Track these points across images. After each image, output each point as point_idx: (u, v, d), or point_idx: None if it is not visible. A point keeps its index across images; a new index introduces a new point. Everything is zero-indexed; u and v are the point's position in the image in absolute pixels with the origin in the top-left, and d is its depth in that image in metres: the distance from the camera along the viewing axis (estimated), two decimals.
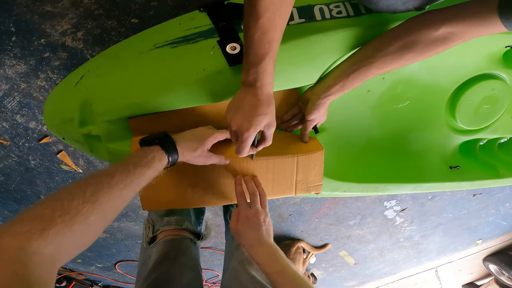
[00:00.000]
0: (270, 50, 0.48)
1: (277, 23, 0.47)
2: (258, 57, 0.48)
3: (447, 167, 0.92)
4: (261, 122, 0.53)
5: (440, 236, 1.90)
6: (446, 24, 0.52)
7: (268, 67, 0.50)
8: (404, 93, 0.78)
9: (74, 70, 0.60)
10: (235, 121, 0.53)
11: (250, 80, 0.51)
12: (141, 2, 0.85)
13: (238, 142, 0.54)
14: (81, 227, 0.36)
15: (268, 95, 0.53)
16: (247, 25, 0.47)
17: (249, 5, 0.45)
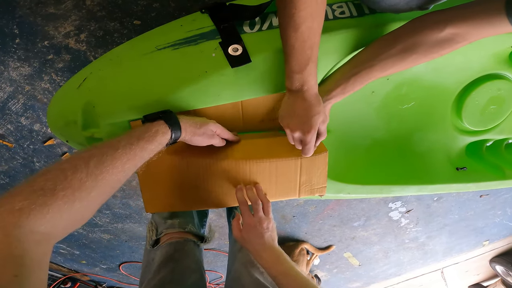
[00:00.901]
0: (312, 55, 0.50)
1: (316, 29, 0.48)
2: (302, 64, 0.50)
3: (453, 168, 0.90)
4: (318, 121, 0.56)
5: (446, 237, 1.88)
6: (450, 25, 0.50)
7: (312, 71, 0.52)
8: (409, 94, 0.77)
9: (77, 73, 0.60)
10: (295, 126, 0.57)
11: (297, 85, 0.53)
12: (143, 4, 0.85)
13: (303, 145, 0.59)
14: (82, 203, 0.35)
15: (316, 95, 0.56)
16: (286, 36, 0.48)
17: (286, 16, 0.45)
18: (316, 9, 0.46)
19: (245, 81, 0.56)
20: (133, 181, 1.21)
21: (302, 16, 0.45)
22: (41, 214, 0.31)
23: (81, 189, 0.35)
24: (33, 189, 0.32)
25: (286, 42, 0.49)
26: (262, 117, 0.71)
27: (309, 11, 0.45)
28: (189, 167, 0.60)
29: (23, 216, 0.30)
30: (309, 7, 0.44)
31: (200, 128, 0.54)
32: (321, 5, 0.46)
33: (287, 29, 0.47)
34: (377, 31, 0.60)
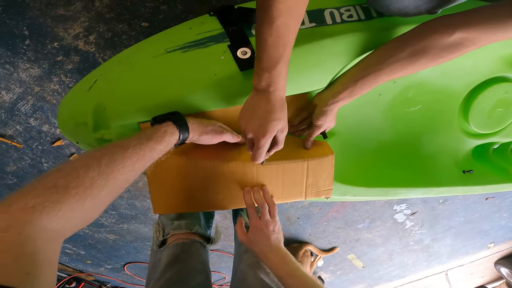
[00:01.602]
0: (284, 54, 0.47)
1: (291, 27, 0.46)
2: (272, 62, 0.47)
3: (460, 171, 0.90)
4: (276, 127, 0.53)
5: (451, 239, 1.87)
6: (460, 29, 0.50)
7: (282, 72, 0.49)
8: (416, 96, 0.77)
9: (87, 75, 0.61)
10: (250, 128, 0.54)
11: (263, 85, 0.50)
12: (151, 6, 0.86)
13: (254, 149, 0.55)
14: (92, 202, 0.36)
15: (282, 99, 0.52)
16: (260, 30, 0.46)
17: (263, 9, 0.43)
18: (295, 4, 0.44)
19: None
20: (140, 182, 1.22)
21: (279, 9, 0.43)
22: (54, 211, 0.31)
23: (92, 187, 0.35)
24: (46, 186, 0.32)
25: (259, 36, 0.46)
26: None
27: (288, 5, 0.43)
28: (197, 169, 0.61)
29: (35, 213, 0.30)
30: (288, 1, 0.43)
31: (207, 126, 0.55)
32: (301, 1, 0.44)
33: (262, 22, 0.45)
34: (385, 35, 0.61)
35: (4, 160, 1.05)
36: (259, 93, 0.52)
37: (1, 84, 0.90)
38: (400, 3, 0.55)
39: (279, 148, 0.59)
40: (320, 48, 0.58)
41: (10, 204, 0.30)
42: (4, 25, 0.83)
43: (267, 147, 0.55)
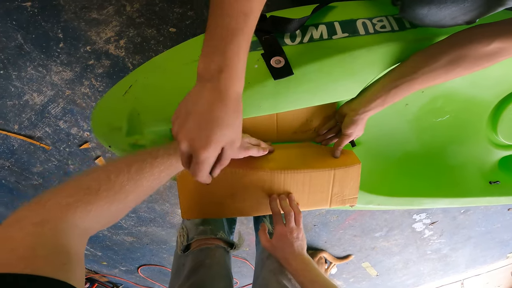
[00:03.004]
0: (245, 25, 0.34)
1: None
2: (228, 35, 0.34)
3: (486, 181, 0.89)
4: (224, 138, 0.38)
5: (470, 249, 1.83)
6: (498, 39, 0.50)
7: (241, 51, 0.35)
8: (444, 107, 0.76)
9: (121, 79, 0.62)
10: (186, 133, 0.38)
11: (212, 69, 0.35)
12: (179, 12, 0.87)
13: (193, 163, 0.40)
14: (119, 205, 0.37)
15: (237, 95, 0.38)
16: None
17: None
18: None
19: (285, 93, 0.57)
20: (160, 186, 1.24)
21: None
22: (85, 211, 0.33)
23: (120, 192, 0.37)
24: (80, 187, 0.34)
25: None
26: (295, 129, 0.72)
27: None
28: (226, 176, 0.61)
29: (70, 211, 0.32)
30: None
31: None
32: None
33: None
34: (419, 45, 0.60)
35: (31, 161, 1.08)
36: (204, 83, 0.37)
37: (34, 86, 0.93)
38: (435, 15, 0.54)
39: (223, 166, 0.44)
40: (353, 58, 0.58)
41: (46, 200, 0.32)
42: (40, 27, 0.85)
43: (211, 165, 0.40)
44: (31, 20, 0.84)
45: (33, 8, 0.83)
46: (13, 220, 0.30)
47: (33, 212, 0.31)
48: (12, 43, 0.86)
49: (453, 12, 0.52)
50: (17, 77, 0.91)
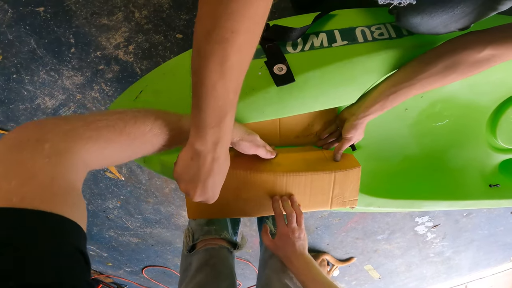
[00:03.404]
0: (234, 100, 0.38)
1: (245, 65, 0.36)
2: (221, 113, 0.38)
3: (486, 185, 0.90)
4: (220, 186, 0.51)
5: (473, 252, 1.83)
6: (491, 46, 0.53)
7: (231, 121, 0.40)
8: (443, 111, 0.78)
9: (132, 85, 0.65)
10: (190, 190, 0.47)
11: (210, 144, 0.40)
12: (185, 18, 0.90)
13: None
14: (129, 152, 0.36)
15: (227, 153, 0.46)
16: (205, 71, 0.34)
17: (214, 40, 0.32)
18: (257, 34, 0.34)
19: (287, 99, 0.59)
20: (166, 188, 1.26)
21: (239, 43, 0.32)
22: (101, 148, 0.32)
23: (137, 139, 0.36)
24: (107, 124, 0.33)
25: (202, 80, 0.35)
26: (297, 133, 0.74)
27: (249, 37, 0.33)
28: (231, 178, 0.63)
29: (88, 145, 0.30)
30: (251, 31, 0.32)
31: (248, 135, 0.57)
32: (260, 28, 0.33)
33: (210, 60, 0.33)
34: (415, 52, 0.62)
35: None
36: (202, 153, 0.41)
37: (46, 90, 0.96)
38: (428, 24, 0.56)
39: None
40: (352, 65, 0.60)
41: (70, 128, 0.30)
42: (52, 32, 0.88)
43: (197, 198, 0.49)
44: (44, 25, 0.87)
45: (46, 13, 0.86)
46: (34, 139, 0.27)
47: (57, 137, 0.28)
48: (26, 48, 0.90)
49: (445, 20, 0.54)
50: (30, 81, 0.94)
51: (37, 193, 0.24)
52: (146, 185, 1.24)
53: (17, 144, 0.26)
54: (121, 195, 1.27)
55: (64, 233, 0.24)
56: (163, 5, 0.88)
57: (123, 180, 1.22)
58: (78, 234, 0.26)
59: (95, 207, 1.30)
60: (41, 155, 0.26)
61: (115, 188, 1.24)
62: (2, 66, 0.92)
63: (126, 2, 0.87)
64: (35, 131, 0.28)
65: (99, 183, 1.23)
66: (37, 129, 0.28)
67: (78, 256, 0.25)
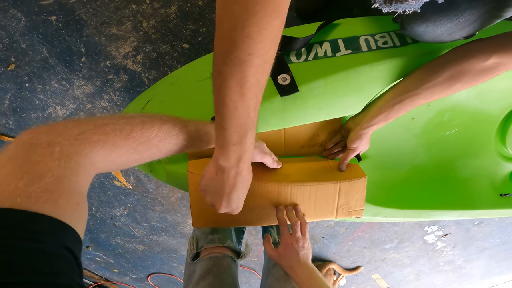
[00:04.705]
0: (255, 118, 0.40)
1: (264, 82, 0.37)
2: (242, 131, 0.39)
3: (497, 194, 0.88)
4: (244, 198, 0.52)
5: (485, 260, 1.77)
6: (496, 55, 0.52)
7: (253, 138, 0.42)
8: (452, 120, 0.77)
9: (140, 95, 0.66)
10: (216, 204, 0.51)
11: (233, 161, 0.43)
12: (192, 28, 0.92)
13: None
14: (136, 156, 0.37)
15: (250, 168, 0.48)
16: (225, 92, 0.35)
17: (232, 63, 0.33)
18: (271, 56, 0.35)
19: (292, 109, 0.59)
20: (172, 197, 1.27)
21: (256, 65, 0.33)
22: (108, 152, 0.33)
23: (144, 144, 0.37)
24: (115, 127, 0.34)
25: (223, 100, 0.36)
26: (302, 143, 0.74)
27: (266, 58, 0.34)
28: None
29: (95, 148, 0.31)
30: (267, 52, 0.33)
31: (256, 142, 0.56)
32: (275, 48, 0.35)
33: (229, 81, 0.34)
34: (420, 60, 0.62)
35: None
36: (226, 168, 0.44)
37: (57, 99, 0.99)
38: (433, 32, 0.56)
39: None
40: (357, 74, 0.60)
41: (79, 132, 0.31)
42: (64, 41, 0.90)
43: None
44: (56, 34, 0.90)
45: (57, 22, 0.89)
46: (46, 142, 0.28)
47: (67, 141, 0.29)
48: (38, 57, 0.92)
49: (449, 29, 0.54)
50: (42, 90, 0.97)
51: (43, 193, 0.25)
52: (153, 193, 1.25)
53: (29, 146, 0.28)
54: (129, 203, 1.28)
55: (51, 234, 0.25)
56: (170, 15, 0.90)
57: (130, 188, 1.23)
58: (69, 236, 0.27)
59: (103, 215, 1.31)
60: (51, 157, 0.27)
61: (122, 196, 1.26)
62: (15, 74, 0.94)
63: (134, 12, 0.89)
64: (47, 134, 0.29)
65: (107, 191, 1.24)
66: (49, 133, 0.29)
67: (67, 255, 0.25)
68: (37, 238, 0.23)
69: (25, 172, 0.26)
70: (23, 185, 0.25)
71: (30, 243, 0.23)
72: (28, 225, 0.24)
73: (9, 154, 0.27)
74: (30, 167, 0.26)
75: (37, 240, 0.23)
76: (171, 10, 0.89)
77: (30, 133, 0.29)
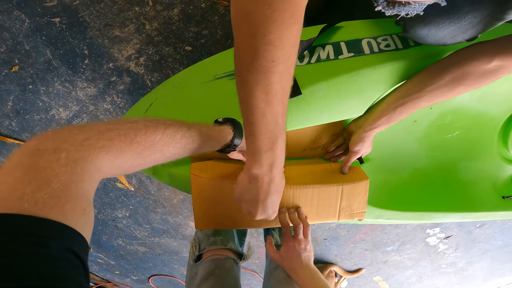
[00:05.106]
0: (283, 124, 0.40)
1: (288, 88, 0.38)
2: (273, 138, 0.40)
3: (499, 196, 0.88)
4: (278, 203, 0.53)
5: (487, 262, 1.77)
6: (498, 58, 0.52)
7: (283, 144, 0.43)
8: (454, 123, 0.77)
9: (143, 97, 0.66)
10: (254, 211, 0.52)
11: (265, 168, 0.44)
12: (194, 31, 0.92)
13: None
14: (140, 161, 0.37)
15: (282, 173, 0.49)
16: (251, 101, 0.36)
17: (256, 71, 0.34)
18: (293, 59, 0.35)
19: (294, 112, 0.60)
20: (174, 199, 1.27)
21: (280, 71, 0.34)
22: (113, 157, 0.33)
23: (148, 148, 0.37)
24: (119, 133, 0.34)
25: (250, 109, 0.37)
26: (304, 146, 0.74)
27: (288, 63, 0.34)
28: None
29: (101, 153, 0.31)
30: (290, 57, 0.34)
31: None
32: (295, 52, 0.35)
33: (255, 90, 0.35)
34: (422, 63, 0.62)
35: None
36: (259, 176, 0.45)
37: (60, 101, 0.99)
38: (436, 35, 0.56)
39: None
40: (359, 77, 0.60)
41: (85, 138, 0.31)
42: (67, 43, 0.91)
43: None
44: (59, 36, 0.90)
45: (61, 24, 0.89)
46: (52, 149, 0.28)
47: (72, 147, 0.30)
48: (41, 58, 0.93)
49: (452, 31, 0.54)
50: (45, 92, 0.97)
51: (50, 199, 0.25)
52: (155, 195, 1.25)
53: (36, 152, 0.28)
54: (130, 205, 1.28)
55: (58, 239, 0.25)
56: (173, 18, 0.90)
57: (132, 190, 1.23)
58: (76, 240, 0.27)
59: (104, 216, 1.31)
60: (58, 164, 0.28)
61: (124, 198, 1.26)
62: (18, 76, 0.95)
63: (137, 14, 0.89)
64: (52, 140, 0.29)
65: (109, 193, 1.24)
66: (54, 139, 0.30)
67: (74, 260, 0.25)
68: (43, 243, 0.24)
69: (32, 178, 0.26)
70: (31, 191, 0.25)
71: (37, 248, 0.23)
72: (36, 230, 0.24)
73: (16, 160, 0.28)
74: (37, 173, 0.26)
75: (43, 245, 0.24)
76: (173, 12, 0.90)
77: (36, 140, 0.29)
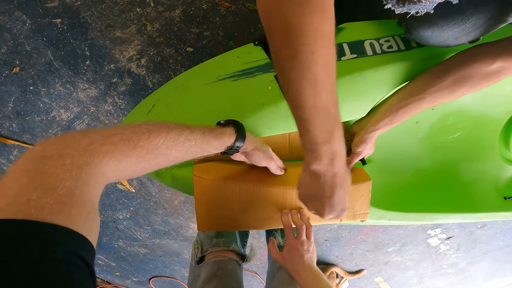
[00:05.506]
0: (337, 112, 0.39)
1: (333, 76, 0.37)
2: (329, 130, 0.39)
3: (500, 197, 0.88)
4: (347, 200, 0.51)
5: (488, 263, 1.77)
6: (500, 59, 0.52)
7: (341, 134, 0.41)
8: (455, 124, 0.77)
9: (145, 98, 0.66)
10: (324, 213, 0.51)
11: (325, 163, 0.42)
12: (195, 32, 0.92)
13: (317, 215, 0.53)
14: (144, 165, 0.37)
15: (346, 168, 0.46)
16: (302, 95, 0.36)
17: (299, 66, 0.34)
18: (332, 48, 0.35)
19: None
20: (175, 201, 1.27)
21: (322, 62, 0.34)
22: (117, 162, 0.33)
23: (152, 152, 0.37)
24: (122, 137, 0.34)
25: (302, 105, 0.37)
26: None
27: (328, 53, 0.34)
28: (241, 191, 0.64)
29: (105, 159, 0.31)
30: (327, 47, 0.34)
31: (262, 146, 0.57)
32: (333, 41, 0.35)
33: (301, 86, 0.35)
34: (425, 64, 0.62)
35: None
36: (320, 171, 0.44)
37: (61, 103, 0.99)
38: (439, 37, 0.57)
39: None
40: (362, 78, 0.60)
41: (88, 143, 0.31)
42: (68, 44, 0.90)
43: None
44: (61, 37, 0.90)
45: (62, 25, 0.88)
46: (57, 155, 0.29)
47: (77, 152, 0.30)
48: (42, 59, 0.92)
49: (456, 33, 0.54)
50: (46, 93, 0.97)
51: (56, 205, 0.26)
52: (156, 197, 1.25)
53: (41, 158, 0.28)
54: (131, 207, 1.28)
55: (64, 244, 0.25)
56: (174, 19, 0.90)
57: (133, 192, 1.23)
58: (82, 245, 0.27)
59: (105, 218, 1.31)
60: (63, 169, 0.28)
61: (125, 199, 1.26)
62: (19, 77, 0.94)
63: (139, 16, 0.89)
64: (56, 146, 0.30)
65: (110, 194, 1.24)
66: (58, 144, 0.30)
67: (80, 264, 0.26)
68: (50, 248, 0.24)
69: (38, 184, 0.26)
70: (37, 196, 0.25)
71: (43, 253, 0.23)
72: (42, 235, 0.24)
73: (21, 166, 0.28)
74: (43, 179, 0.27)
75: (50, 250, 0.24)
76: (175, 13, 0.89)
77: (40, 146, 0.30)
